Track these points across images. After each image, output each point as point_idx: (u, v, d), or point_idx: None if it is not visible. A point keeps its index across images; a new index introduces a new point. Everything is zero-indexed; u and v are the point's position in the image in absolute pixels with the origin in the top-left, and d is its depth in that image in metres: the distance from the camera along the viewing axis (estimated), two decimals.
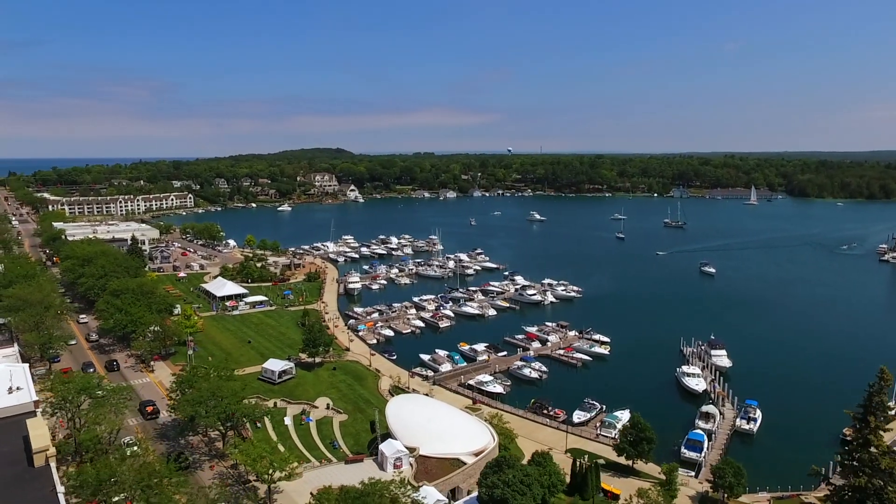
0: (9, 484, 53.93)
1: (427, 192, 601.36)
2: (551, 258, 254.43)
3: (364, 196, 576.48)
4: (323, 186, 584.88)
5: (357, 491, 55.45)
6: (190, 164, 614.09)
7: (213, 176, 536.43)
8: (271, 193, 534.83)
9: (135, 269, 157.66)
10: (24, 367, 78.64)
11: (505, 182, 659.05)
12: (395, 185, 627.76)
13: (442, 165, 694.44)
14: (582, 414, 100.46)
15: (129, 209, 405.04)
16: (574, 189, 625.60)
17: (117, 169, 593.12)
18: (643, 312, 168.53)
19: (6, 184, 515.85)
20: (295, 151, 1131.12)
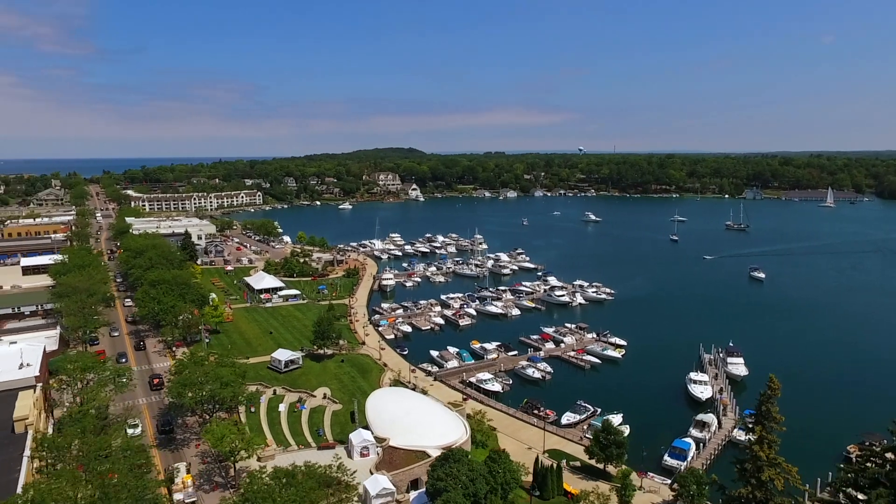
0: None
1: (488, 192, 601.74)
2: (595, 259, 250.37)
3: (425, 195, 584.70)
4: (386, 185, 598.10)
5: (287, 471, 58.82)
6: (264, 164, 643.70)
7: (282, 175, 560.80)
8: (336, 192, 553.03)
9: (179, 261, 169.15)
10: (41, 347, 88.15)
11: (568, 182, 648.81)
12: (457, 185, 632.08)
13: (505, 165, 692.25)
14: (571, 416, 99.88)
15: (201, 206, 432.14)
16: (640, 190, 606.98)
17: (198, 168, 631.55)
18: (672, 317, 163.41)
19: (100, 181, 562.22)
20: (368, 151, 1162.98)
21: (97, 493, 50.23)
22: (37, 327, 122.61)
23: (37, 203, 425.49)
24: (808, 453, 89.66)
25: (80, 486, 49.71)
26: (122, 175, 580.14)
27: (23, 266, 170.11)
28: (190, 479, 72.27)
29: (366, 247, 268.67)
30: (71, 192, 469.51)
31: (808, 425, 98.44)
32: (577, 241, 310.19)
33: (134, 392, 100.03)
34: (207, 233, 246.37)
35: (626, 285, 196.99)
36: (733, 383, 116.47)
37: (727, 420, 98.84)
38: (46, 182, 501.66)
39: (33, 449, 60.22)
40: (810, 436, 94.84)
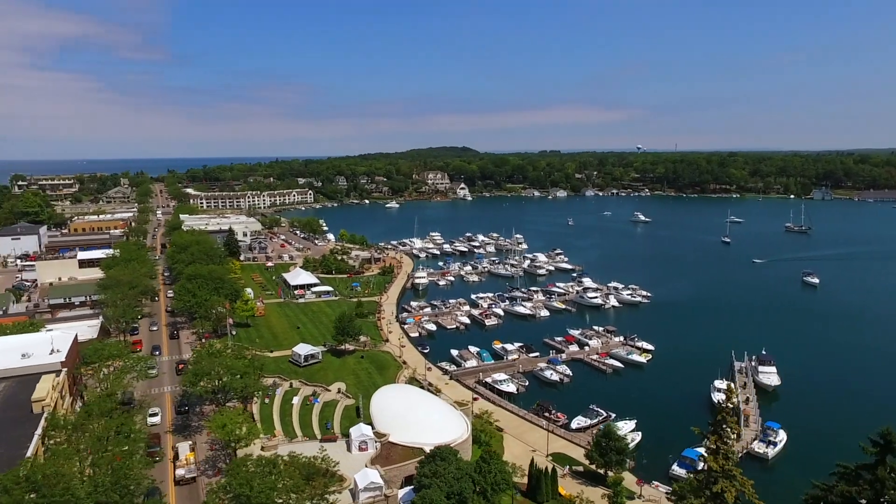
0: (6, 422, 66.11)
1: (537, 191, 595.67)
2: (637, 261, 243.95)
3: (473, 194, 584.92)
4: (434, 184, 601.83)
5: (270, 460, 60.52)
6: (318, 163, 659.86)
7: (333, 174, 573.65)
8: (384, 191, 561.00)
9: (219, 257, 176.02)
10: (73, 334, 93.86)
11: (621, 181, 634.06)
12: (506, 184, 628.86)
13: (557, 164, 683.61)
14: (582, 420, 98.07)
15: (254, 204, 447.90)
16: (697, 189, 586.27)
17: (255, 167, 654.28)
18: (709, 322, 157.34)
19: (164, 180, 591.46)
20: (422, 150, 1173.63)
21: (89, 470, 53.28)
22: (83, 317, 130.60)
23: (105, 200, 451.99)
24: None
25: (71, 463, 52.92)
26: (184, 174, 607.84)
27: (79, 259, 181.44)
28: (192, 457, 75.84)
29: (405, 245, 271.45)
30: (137, 190, 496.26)
31: (844, 441, 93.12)
32: (621, 242, 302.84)
33: (161, 380, 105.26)
34: (253, 230, 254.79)
35: (665, 288, 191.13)
36: (763, 393, 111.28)
37: (748, 431, 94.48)
38: (116, 181, 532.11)
39: (45, 428, 64.48)
40: (843, 452, 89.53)
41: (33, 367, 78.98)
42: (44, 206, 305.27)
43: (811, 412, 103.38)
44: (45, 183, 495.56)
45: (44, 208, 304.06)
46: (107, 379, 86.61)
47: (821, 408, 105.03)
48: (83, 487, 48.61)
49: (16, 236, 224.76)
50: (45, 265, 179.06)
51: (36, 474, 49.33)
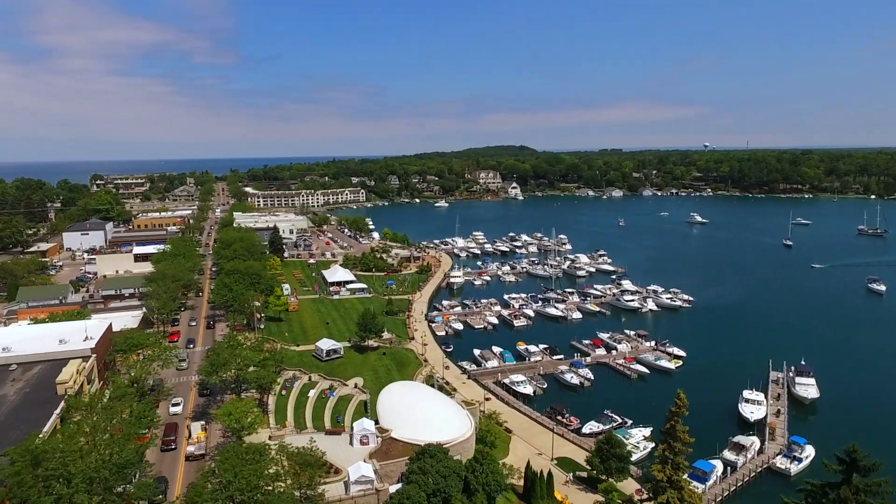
0: (34, 402, 71.21)
1: (591, 191, 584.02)
2: (685, 264, 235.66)
3: (525, 194, 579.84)
4: (486, 183, 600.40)
5: (259, 447, 62.57)
6: (372, 162, 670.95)
7: (386, 173, 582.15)
8: (435, 190, 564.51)
9: (260, 253, 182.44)
10: (107, 324, 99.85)
11: (682, 181, 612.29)
12: (560, 183, 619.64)
13: (614, 163, 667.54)
14: (595, 425, 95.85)
15: (307, 202, 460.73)
16: (766, 189, 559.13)
17: (312, 167, 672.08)
18: (751, 329, 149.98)
19: (226, 179, 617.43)
20: (479, 149, 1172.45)
21: (93, 448, 56.60)
22: (129, 307, 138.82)
23: (172, 199, 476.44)
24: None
25: (74, 441, 56.43)
26: (245, 174, 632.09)
27: (134, 254, 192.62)
28: (203, 436, 79.46)
29: (447, 244, 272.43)
30: (201, 189, 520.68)
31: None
32: (673, 243, 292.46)
33: (191, 369, 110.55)
34: (299, 228, 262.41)
35: (711, 292, 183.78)
36: (798, 406, 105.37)
37: (773, 445, 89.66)
38: (182, 180, 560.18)
39: (63, 409, 69.07)
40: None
41: (66, 352, 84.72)
42: (113, 204, 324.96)
43: (849, 429, 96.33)
44: (119, 182, 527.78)
45: (113, 206, 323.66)
46: (135, 366, 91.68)
47: (861, 425, 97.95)
48: (77, 464, 51.82)
49: (85, 232, 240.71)
50: (104, 259, 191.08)
51: (38, 448, 53.05)
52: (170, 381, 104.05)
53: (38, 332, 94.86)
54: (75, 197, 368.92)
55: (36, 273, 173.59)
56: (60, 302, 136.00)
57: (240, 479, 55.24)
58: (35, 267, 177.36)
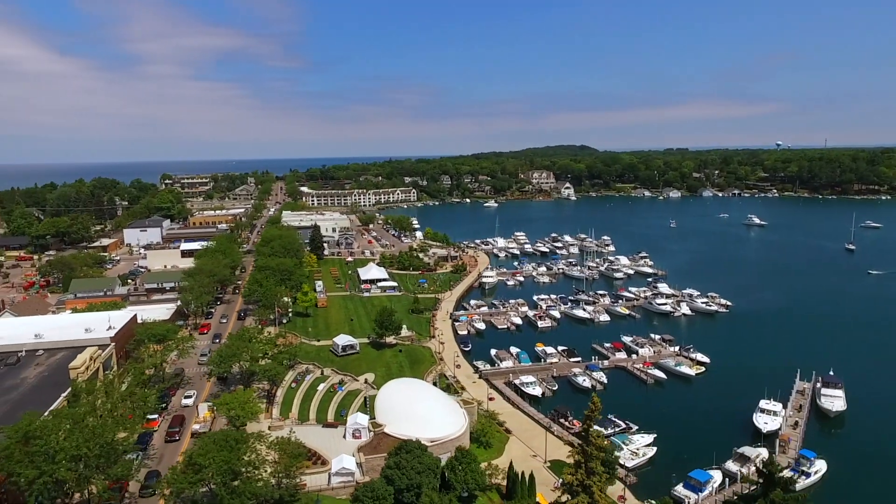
0: (48, 385, 77.11)
1: (648, 191, 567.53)
2: (731, 267, 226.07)
3: (579, 194, 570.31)
4: (539, 183, 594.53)
5: (238, 435, 65.39)
6: (426, 162, 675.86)
7: (438, 173, 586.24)
8: (487, 190, 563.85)
9: (296, 251, 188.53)
10: (132, 314, 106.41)
11: (746, 181, 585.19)
12: (616, 184, 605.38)
13: (674, 162, 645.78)
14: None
15: (358, 202, 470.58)
16: (838, 190, 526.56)
17: (368, 167, 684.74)
18: (788, 336, 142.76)
19: (285, 179, 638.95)
20: (539, 149, 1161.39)
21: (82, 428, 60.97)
22: (166, 300, 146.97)
23: (232, 197, 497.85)
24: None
25: (63, 421, 60.89)
26: (304, 173, 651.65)
27: (181, 250, 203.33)
28: (209, 416, 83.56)
29: (488, 244, 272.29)
30: (261, 188, 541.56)
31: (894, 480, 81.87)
32: (723, 246, 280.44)
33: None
34: (341, 226, 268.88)
35: (751, 297, 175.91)
36: (823, 419, 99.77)
37: (783, 458, 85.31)
38: (244, 179, 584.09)
39: (70, 392, 74.50)
40: (890, 493, 78.76)
41: (88, 340, 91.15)
42: (174, 203, 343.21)
43: (872, 445, 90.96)
44: (186, 181, 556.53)
45: (174, 204, 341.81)
46: (154, 355, 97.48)
47: (886, 442, 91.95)
48: (61, 442, 56.09)
49: (143, 229, 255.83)
50: (154, 254, 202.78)
51: (30, 427, 57.82)
52: (190, 371, 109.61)
53: (71, 320, 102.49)
54: (142, 196, 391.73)
55: (93, 267, 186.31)
56: (104, 294, 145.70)
57: (212, 464, 58.17)
58: (93, 261, 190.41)
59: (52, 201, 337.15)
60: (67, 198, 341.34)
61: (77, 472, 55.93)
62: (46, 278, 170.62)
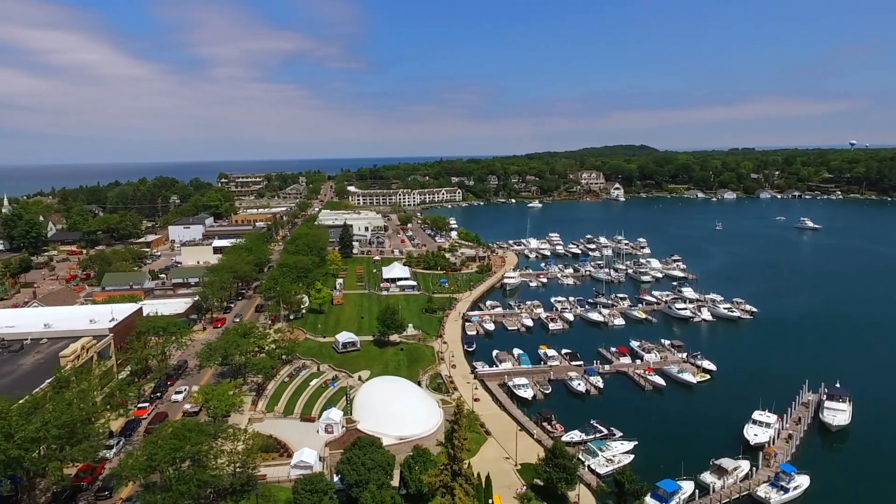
0: (40, 372, 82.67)
1: (701, 193, 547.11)
2: (770, 272, 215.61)
3: (629, 195, 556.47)
4: (588, 184, 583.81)
5: (194, 425, 68.37)
6: (475, 162, 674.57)
7: (486, 173, 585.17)
8: (533, 190, 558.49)
9: (319, 249, 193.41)
10: (136, 307, 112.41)
11: (808, 182, 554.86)
12: (668, 184, 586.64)
13: (732, 163, 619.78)
14: (576, 435, 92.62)
15: (401, 201, 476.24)
16: None
17: (417, 167, 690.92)
18: (809, 345, 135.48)
19: (336, 178, 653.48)
20: (595, 149, 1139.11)
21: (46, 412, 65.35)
22: (186, 294, 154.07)
23: (282, 196, 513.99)
24: None
25: (21, 404, 65.44)
26: (354, 173, 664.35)
27: (213, 246, 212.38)
28: (201, 398, 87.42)
29: (520, 245, 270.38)
30: (311, 187, 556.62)
31: (883, 501, 76.84)
32: (766, 250, 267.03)
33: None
34: (375, 226, 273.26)
35: (781, 304, 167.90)
36: (825, 433, 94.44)
37: (764, 471, 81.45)
38: (295, 179, 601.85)
39: (54, 380, 79.11)
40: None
41: (88, 330, 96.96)
42: (222, 201, 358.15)
43: (868, 464, 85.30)
44: (240, 180, 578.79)
45: (222, 203, 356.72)
46: (149, 347, 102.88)
47: (886, 462, 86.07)
48: (21, 424, 60.30)
49: (187, 226, 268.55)
50: (188, 250, 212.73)
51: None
52: (193, 364, 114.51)
53: (80, 312, 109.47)
54: (193, 194, 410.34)
55: (132, 261, 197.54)
56: (130, 287, 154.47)
57: (159, 452, 61.28)
58: (133, 256, 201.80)
59: (111, 199, 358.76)
60: (125, 195, 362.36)
61: (34, 452, 60.17)
62: (87, 272, 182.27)
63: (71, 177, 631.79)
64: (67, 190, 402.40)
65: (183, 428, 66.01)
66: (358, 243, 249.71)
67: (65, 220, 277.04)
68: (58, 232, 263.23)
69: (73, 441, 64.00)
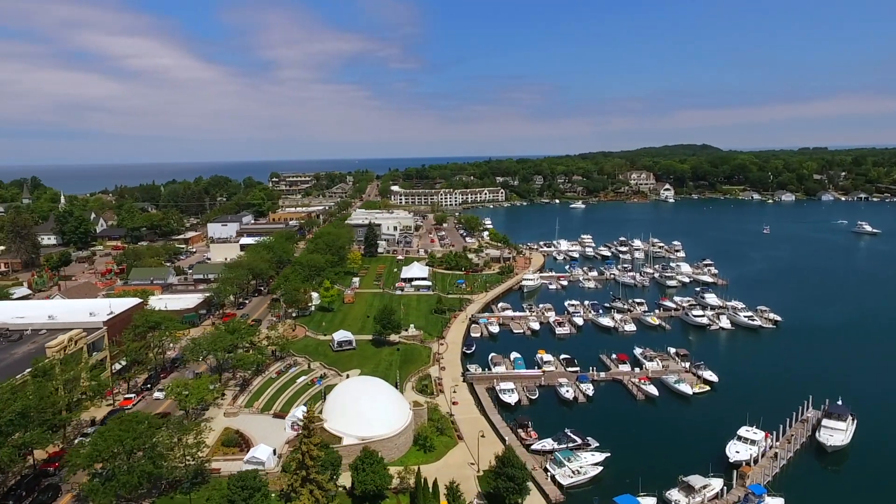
0: (26, 362, 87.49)
1: (756, 194, 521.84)
2: (811, 278, 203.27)
3: (679, 196, 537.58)
4: (638, 184, 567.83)
5: (144, 416, 70.78)
6: (520, 162, 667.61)
7: (531, 173, 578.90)
8: (579, 191, 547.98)
9: (338, 248, 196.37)
10: (137, 302, 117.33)
11: (877, 184, 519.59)
12: (723, 185, 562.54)
13: (794, 163, 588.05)
14: (547, 443, 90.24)
15: (441, 201, 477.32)
16: None
17: (464, 166, 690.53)
18: (829, 357, 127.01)
19: (381, 178, 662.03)
20: (655, 148, 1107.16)
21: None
22: (201, 290, 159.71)
23: (327, 196, 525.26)
24: None
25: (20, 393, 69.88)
26: (402, 172, 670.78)
27: (240, 244, 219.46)
28: (172, 391, 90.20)
29: (550, 246, 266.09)
30: (356, 186, 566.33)
31: None
32: (813, 255, 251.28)
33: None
34: (404, 225, 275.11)
35: (812, 313, 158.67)
36: (820, 453, 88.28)
37: (737, 491, 76.93)
38: (342, 178, 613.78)
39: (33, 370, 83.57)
40: None
41: (83, 323, 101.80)
42: (265, 200, 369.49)
43: (857, 489, 79.18)
44: (291, 179, 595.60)
45: (265, 201, 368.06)
46: (147, 340, 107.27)
47: (881, 488, 79.58)
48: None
49: (224, 223, 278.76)
50: (216, 247, 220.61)
51: None
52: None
53: (85, 305, 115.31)
54: (239, 192, 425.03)
55: (167, 257, 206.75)
56: (150, 282, 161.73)
57: (102, 443, 63.89)
58: (166, 252, 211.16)
59: (163, 197, 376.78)
60: (176, 194, 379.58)
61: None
62: (121, 266, 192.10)
63: (141, 175, 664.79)
64: (125, 188, 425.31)
65: (132, 420, 68.52)
66: (386, 242, 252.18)
67: (115, 216, 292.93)
68: (107, 228, 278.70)
69: (23, 426, 67.45)
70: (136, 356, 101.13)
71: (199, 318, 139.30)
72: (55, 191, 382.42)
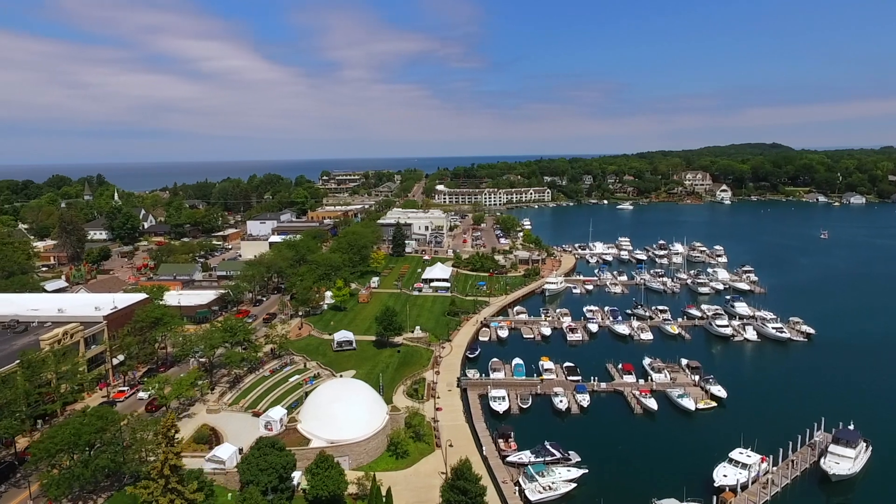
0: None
1: (823, 196, 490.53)
2: (861, 288, 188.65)
3: (738, 197, 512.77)
4: (693, 185, 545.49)
5: (108, 412, 72.37)
6: (572, 161, 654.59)
7: (580, 173, 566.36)
8: (629, 191, 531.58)
9: (360, 247, 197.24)
10: (141, 297, 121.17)
11: None
12: (786, 186, 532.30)
13: (868, 163, 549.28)
14: (524, 456, 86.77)
15: (486, 201, 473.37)
16: None
17: (514, 165, 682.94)
18: (856, 376, 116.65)
19: (428, 177, 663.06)
20: (721, 147, 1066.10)
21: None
22: (219, 287, 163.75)
23: (375, 194, 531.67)
24: None
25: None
26: (450, 171, 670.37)
27: (269, 241, 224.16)
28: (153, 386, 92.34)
29: (584, 249, 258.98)
30: (403, 185, 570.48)
31: None
32: (870, 264, 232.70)
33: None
34: (436, 225, 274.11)
35: (850, 326, 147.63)
36: (823, 481, 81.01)
37: None
38: (391, 177, 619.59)
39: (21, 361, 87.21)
40: None
41: (85, 317, 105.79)
42: (308, 198, 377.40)
43: None
44: (340, 178, 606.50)
45: (308, 199, 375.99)
46: (149, 335, 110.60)
47: None
48: None
49: (263, 221, 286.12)
50: (248, 245, 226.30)
51: None
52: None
53: (93, 300, 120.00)
54: (284, 190, 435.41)
55: (204, 253, 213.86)
56: (174, 278, 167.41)
57: (57, 436, 65.84)
58: (200, 248, 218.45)
59: (214, 194, 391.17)
60: (226, 192, 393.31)
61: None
62: (155, 262, 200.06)
63: (208, 172, 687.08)
64: (178, 186, 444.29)
65: (93, 415, 70.32)
66: (416, 242, 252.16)
67: (165, 213, 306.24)
68: (154, 224, 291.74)
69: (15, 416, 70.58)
70: (132, 350, 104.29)
71: (211, 314, 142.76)
72: (115, 187, 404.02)
